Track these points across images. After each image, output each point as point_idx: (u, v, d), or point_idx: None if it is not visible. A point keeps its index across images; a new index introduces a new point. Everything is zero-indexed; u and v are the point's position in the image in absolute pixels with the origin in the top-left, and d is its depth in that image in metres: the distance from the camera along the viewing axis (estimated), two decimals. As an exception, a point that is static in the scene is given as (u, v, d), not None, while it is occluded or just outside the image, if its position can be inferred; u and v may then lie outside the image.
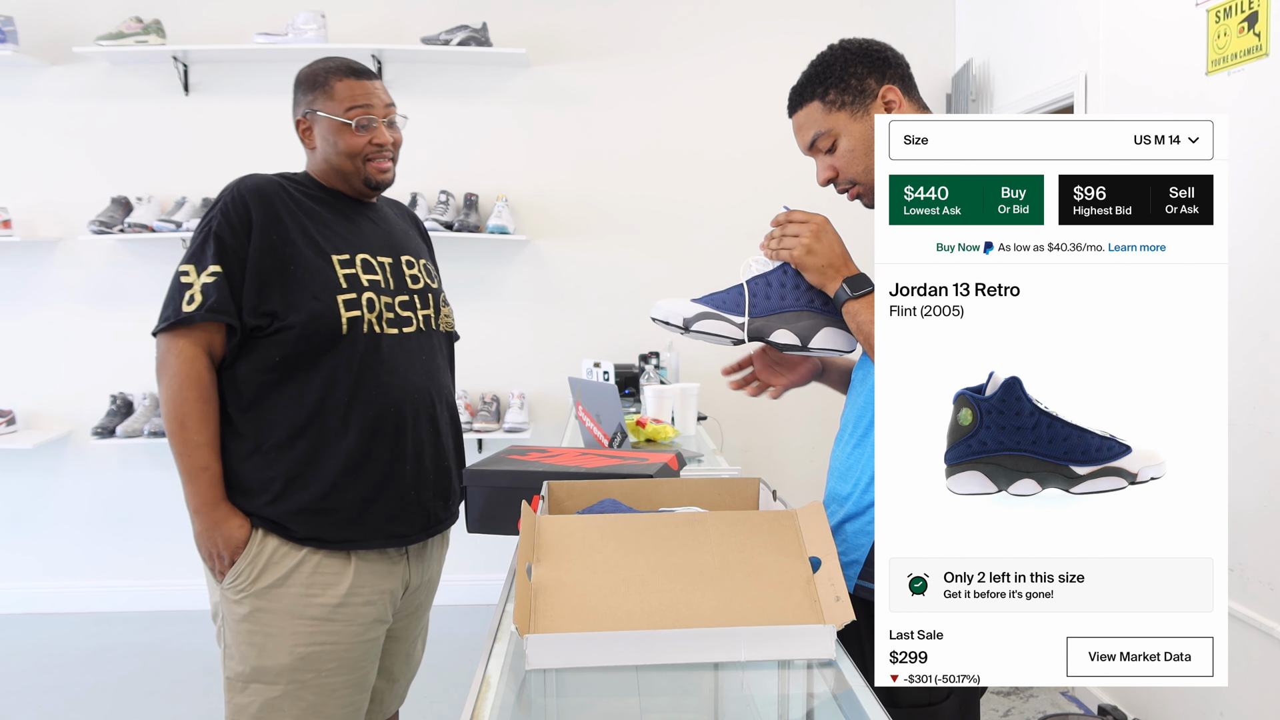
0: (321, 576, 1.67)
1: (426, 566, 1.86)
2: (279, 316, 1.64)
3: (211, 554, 1.65)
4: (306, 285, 1.66)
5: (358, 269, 1.72)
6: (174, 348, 1.62)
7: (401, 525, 1.74)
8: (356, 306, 1.69)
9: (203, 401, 1.63)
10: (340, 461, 1.67)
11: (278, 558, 1.66)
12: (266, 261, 1.65)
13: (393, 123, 1.80)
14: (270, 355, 1.65)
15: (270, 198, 1.69)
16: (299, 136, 1.80)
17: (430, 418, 1.79)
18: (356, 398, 1.68)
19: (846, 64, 1.39)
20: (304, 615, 1.66)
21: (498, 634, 1.14)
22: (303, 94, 1.78)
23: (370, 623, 1.72)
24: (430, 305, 1.86)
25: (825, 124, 1.40)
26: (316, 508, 1.67)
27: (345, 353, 1.68)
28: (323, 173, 1.79)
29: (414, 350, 1.78)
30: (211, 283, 1.62)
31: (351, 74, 1.76)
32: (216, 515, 1.64)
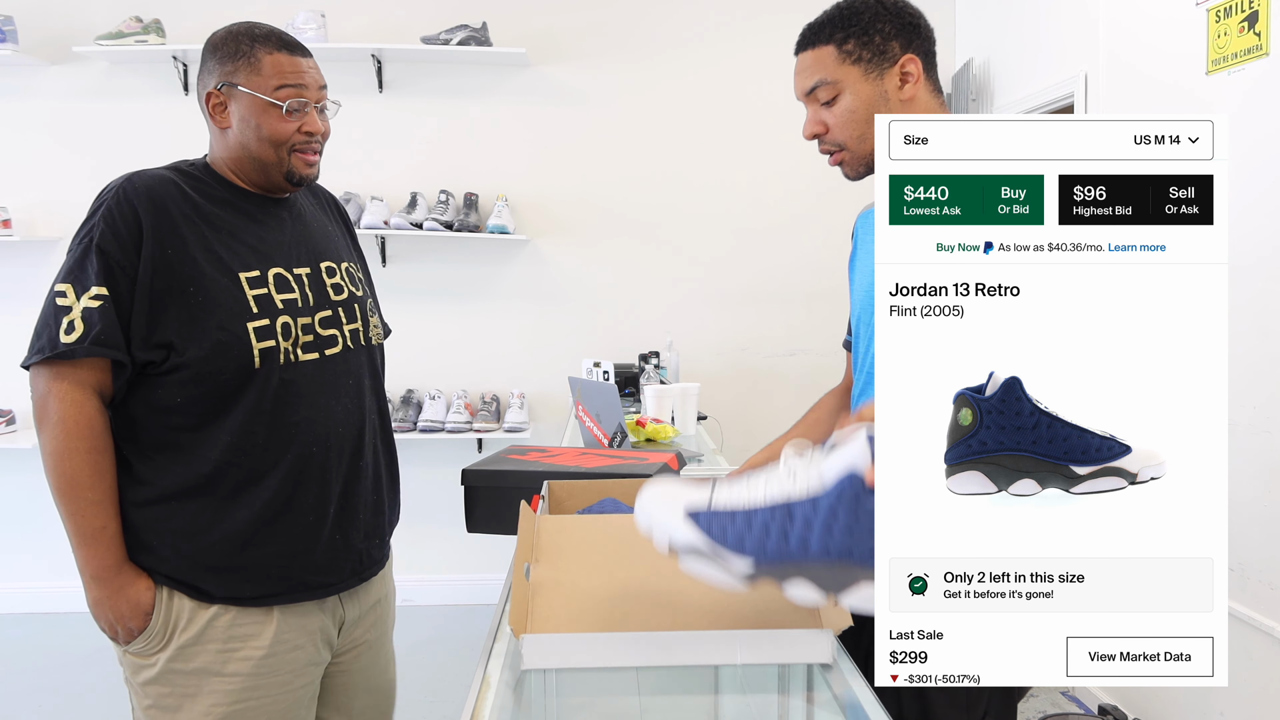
0: (241, 629, 1.45)
1: (366, 597, 1.64)
2: (176, 349, 1.38)
3: (113, 623, 1.43)
4: (210, 311, 1.40)
5: (270, 287, 1.46)
6: (56, 390, 1.36)
7: (328, 575, 1.53)
8: (270, 335, 1.44)
9: (95, 453, 1.37)
10: (254, 513, 1.44)
11: (188, 616, 1.43)
12: (160, 283, 1.38)
13: (324, 109, 1.54)
14: (168, 395, 1.40)
15: (164, 202, 1.41)
16: (206, 112, 1.51)
17: (356, 450, 1.55)
18: (270, 440, 1.44)
19: (876, 17, 1.28)
20: (224, 672, 1.44)
21: (497, 634, 1.14)
22: (219, 62, 1.50)
23: (302, 667, 1.51)
24: (357, 317, 1.59)
25: (833, 73, 1.29)
26: (227, 565, 1.44)
27: (258, 389, 1.43)
28: (234, 160, 1.51)
29: (338, 374, 1.53)
30: (96, 308, 1.35)
31: (284, 47, 1.49)
32: (119, 580, 1.40)
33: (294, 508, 1.48)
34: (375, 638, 1.68)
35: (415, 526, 3.27)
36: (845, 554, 0.92)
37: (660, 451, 2.32)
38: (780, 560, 0.92)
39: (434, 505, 3.53)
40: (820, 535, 0.92)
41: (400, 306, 4.08)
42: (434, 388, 4.03)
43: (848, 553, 0.92)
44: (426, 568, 4.05)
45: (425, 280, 4.12)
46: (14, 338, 4.00)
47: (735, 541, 0.92)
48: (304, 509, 1.49)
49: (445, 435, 3.89)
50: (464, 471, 1.66)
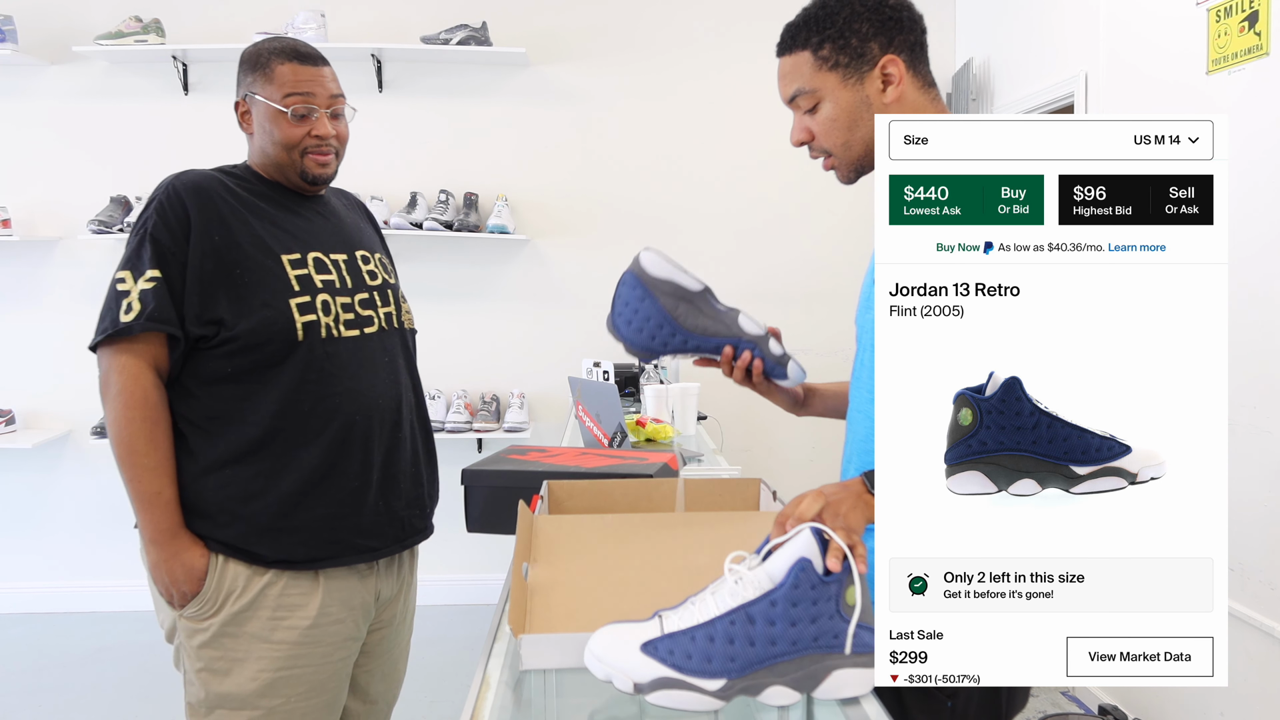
0: (289, 599, 1.56)
1: (399, 575, 1.76)
2: (226, 325, 1.52)
3: (169, 587, 1.53)
4: (255, 290, 1.53)
5: (310, 269, 1.60)
6: (116, 364, 1.50)
7: (372, 539, 1.64)
8: (311, 310, 1.57)
9: (150, 422, 1.50)
10: (303, 476, 1.55)
11: (241, 583, 1.54)
12: (209, 265, 1.52)
13: (338, 114, 1.66)
14: (220, 367, 1.53)
15: (210, 196, 1.55)
16: (237, 120, 1.67)
17: (395, 423, 1.67)
18: (317, 408, 1.56)
19: (852, 17, 1.22)
20: (271, 639, 1.55)
21: (497, 634, 1.14)
22: (244, 74, 1.65)
23: (342, 641, 1.63)
24: (390, 302, 1.72)
25: (811, 81, 1.24)
26: (279, 527, 1.55)
27: (302, 361, 1.55)
28: (260, 163, 1.66)
29: (376, 352, 1.66)
30: (150, 289, 1.49)
31: (296, 57, 1.61)
32: (175, 545, 1.51)
33: (339, 472, 1.59)
34: (399, 622, 1.79)
35: (415, 526, 3.27)
36: (812, 643, 0.92)
37: (660, 451, 2.32)
38: (752, 668, 0.91)
39: (434, 505, 3.54)
40: (784, 629, 0.91)
41: (400, 306, 4.09)
42: (434, 388, 4.03)
43: (813, 641, 0.92)
44: (426, 568, 4.00)
45: (425, 280, 4.12)
46: (14, 337, 4.02)
47: (700, 664, 0.91)
48: (348, 474, 1.59)
49: (445, 435, 3.89)
50: (464, 471, 1.66)
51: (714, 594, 0.95)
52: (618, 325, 1.35)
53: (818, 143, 1.27)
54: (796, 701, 0.93)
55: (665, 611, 0.96)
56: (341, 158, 1.69)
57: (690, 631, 0.93)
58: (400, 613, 1.79)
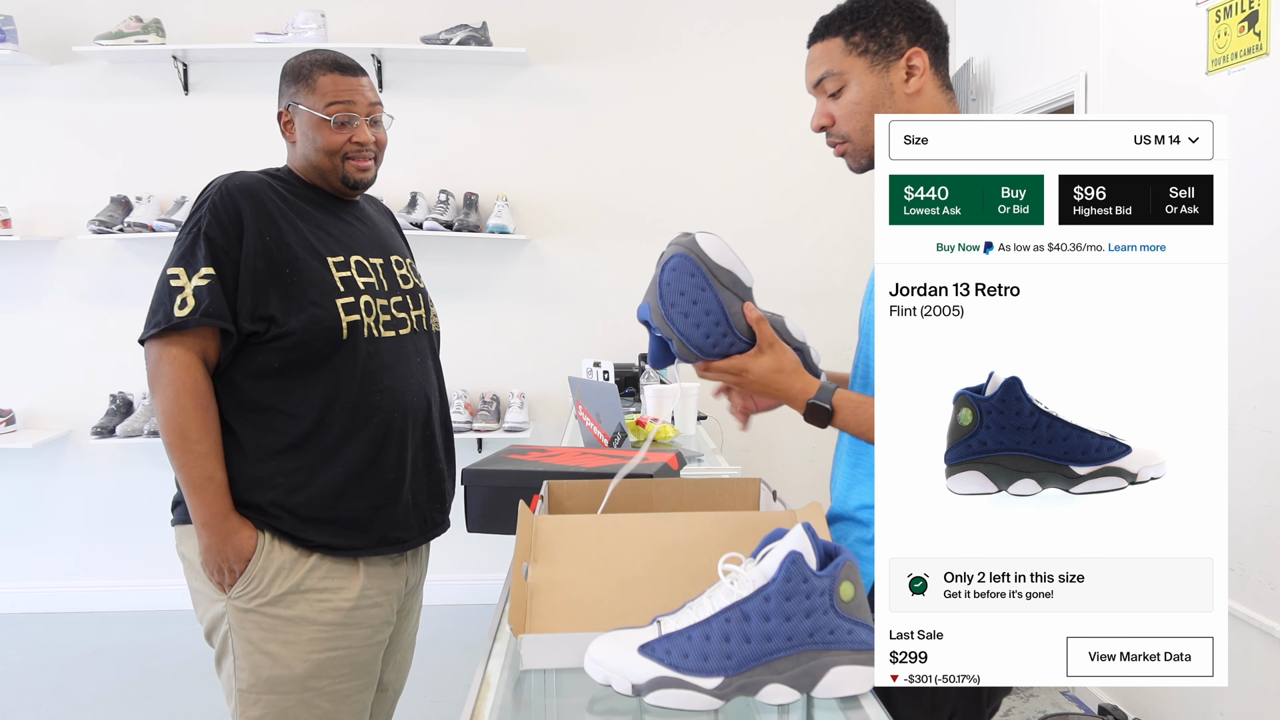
0: (333, 581, 1.63)
1: (421, 565, 1.86)
2: (277, 322, 1.58)
3: (222, 567, 1.59)
4: (304, 289, 1.60)
5: (352, 271, 1.68)
6: (167, 355, 1.54)
7: (402, 531, 1.71)
8: (355, 310, 1.64)
9: (201, 410, 1.56)
10: (345, 469, 1.63)
11: (287, 564, 1.61)
12: (261, 264, 1.58)
13: (376, 121, 1.74)
14: (268, 362, 1.60)
15: (261, 197, 1.62)
16: (280, 129, 1.74)
17: (425, 420, 1.76)
18: (359, 405, 1.64)
19: (885, 10, 1.29)
20: (318, 621, 1.61)
21: (497, 634, 1.14)
22: (286, 86, 1.72)
23: (379, 624, 1.70)
24: (421, 305, 1.82)
25: (840, 65, 1.30)
26: (322, 518, 1.62)
27: (346, 358, 1.63)
28: (303, 169, 1.73)
29: (410, 352, 1.74)
30: (205, 285, 1.54)
31: (337, 69, 1.70)
32: (227, 528, 1.57)
33: (378, 466, 1.66)
34: (413, 613, 1.86)
35: (415, 526, 3.27)
36: (808, 639, 0.93)
37: (660, 451, 2.32)
38: (748, 665, 0.92)
39: (434, 505, 3.54)
40: (778, 624, 0.92)
41: (400, 306, 4.08)
42: (434, 387, 4.03)
43: (809, 637, 0.93)
44: (426, 567, 4.05)
45: (425, 280, 4.12)
46: (14, 337, 4.02)
47: (697, 662, 0.92)
48: (386, 468, 1.67)
49: (445, 435, 3.89)
50: (464, 471, 1.66)
51: (710, 598, 0.95)
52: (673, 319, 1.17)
53: (837, 127, 1.33)
54: (796, 700, 0.93)
55: (663, 617, 0.97)
56: (380, 163, 1.77)
57: (686, 631, 0.93)
58: (416, 603, 1.87)
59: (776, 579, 0.92)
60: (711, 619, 0.93)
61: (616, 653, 0.93)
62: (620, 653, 0.93)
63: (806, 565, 0.92)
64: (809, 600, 0.92)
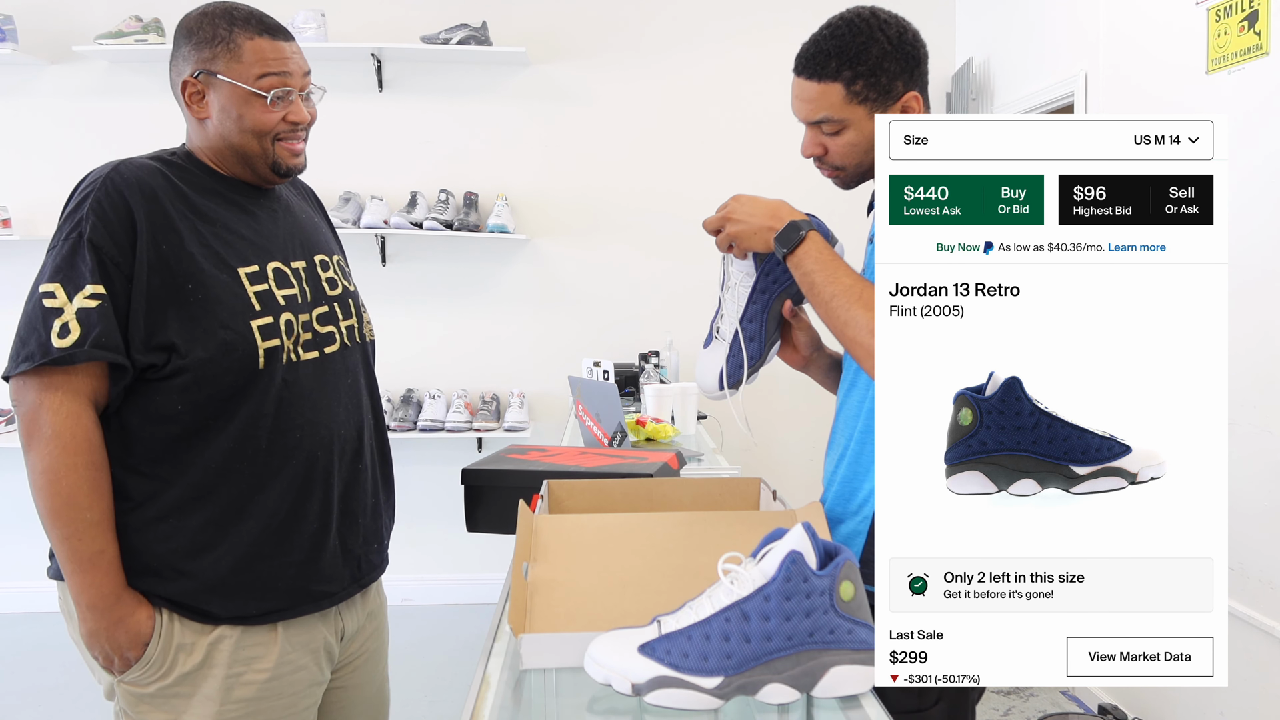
0: (246, 651, 1.36)
1: (363, 607, 1.56)
2: (178, 352, 1.28)
3: (109, 654, 1.31)
4: (211, 310, 1.30)
5: (270, 283, 1.37)
6: (48, 402, 1.23)
7: (329, 584, 1.44)
8: (274, 333, 1.35)
9: (93, 469, 1.26)
10: (260, 524, 1.35)
11: (189, 641, 1.33)
12: (156, 280, 1.27)
13: (309, 95, 1.44)
14: (169, 402, 1.29)
15: (156, 194, 1.31)
16: (182, 101, 1.41)
17: (355, 454, 1.48)
18: (276, 445, 1.35)
19: (883, 57, 1.29)
20: (230, 699, 1.35)
21: (497, 633, 1.14)
22: (194, 47, 1.38)
23: (306, 688, 1.43)
24: (352, 313, 1.52)
25: (841, 112, 1.31)
26: (233, 582, 1.34)
27: (262, 392, 1.34)
28: (215, 151, 1.41)
29: (338, 374, 1.46)
30: (94, 309, 1.23)
31: (266, 31, 1.38)
32: (119, 610, 1.29)
33: (299, 515, 1.39)
34: (373, 649, 1.62)
35: (415, 526, 3.27)
36: (807, 638, 0.92)
37: (660, 451, 2.32)
38: (748, 665, 0.92)
39: (433, 505, 3.53)
40: (778, 624, 0.91)
41: (400, 306, 4.08)
42: (434, 387, 4.03)
43: (809, 636, 0.92)
44: (426, 567, 4.05)
45: (425, 279, 4.12)
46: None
47: (697, 661, 0.91)
48: (309, 516, 1.40)
49: (445, 434, 3.89)
50: (464, 471, 1.66)
51: (710, 598, 0.95)
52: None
53: (830, 159, 1.37)
54: (795, 700, 0.93)
55: (663, 617, 0.97)
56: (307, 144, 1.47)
57: (686, 631, 0.93)
58: (371, 644, 1.61)
59: (776, 578, 0.92)
60: (711, 619, 0.93)
61: (616, 652, 0.93)
62: (620, 652, 0.93)
63: (806, 565, 0.92)
64: (809, 600, 0.92)
